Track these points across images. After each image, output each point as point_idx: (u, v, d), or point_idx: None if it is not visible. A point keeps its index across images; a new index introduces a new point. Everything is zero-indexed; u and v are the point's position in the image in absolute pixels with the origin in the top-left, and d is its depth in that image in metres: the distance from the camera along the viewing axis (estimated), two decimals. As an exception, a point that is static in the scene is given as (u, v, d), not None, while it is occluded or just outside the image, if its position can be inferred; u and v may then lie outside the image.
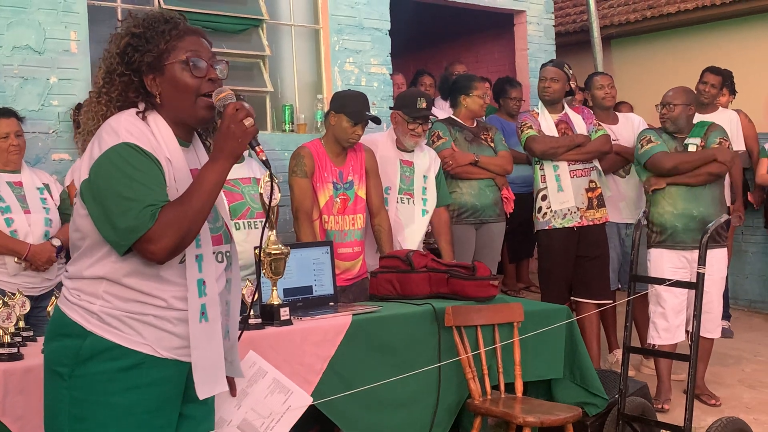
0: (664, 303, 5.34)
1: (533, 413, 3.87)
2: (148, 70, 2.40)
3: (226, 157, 2.35)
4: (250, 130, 2.36)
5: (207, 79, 2.43)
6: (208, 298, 2.39)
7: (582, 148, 5.73)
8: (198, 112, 2.44)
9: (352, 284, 4.80)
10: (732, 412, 5.20)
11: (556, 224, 5.70)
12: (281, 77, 6.85)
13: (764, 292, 8.19)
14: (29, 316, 3.43)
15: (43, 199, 4.77)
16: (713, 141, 5.44)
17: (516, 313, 4.22)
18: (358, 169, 4.89)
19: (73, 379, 2.33)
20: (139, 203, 2.23)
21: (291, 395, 3.38)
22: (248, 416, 3.26)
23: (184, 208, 2.28)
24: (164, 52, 2.40)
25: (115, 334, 2.33)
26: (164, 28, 2.42)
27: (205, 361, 2.40)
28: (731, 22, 10.03)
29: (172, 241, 2.25)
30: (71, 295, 2.39)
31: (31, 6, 5.36)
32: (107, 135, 2.32)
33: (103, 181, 2.27)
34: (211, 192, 2.32)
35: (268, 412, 3.30)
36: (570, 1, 11.91)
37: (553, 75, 5.81)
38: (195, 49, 2.43)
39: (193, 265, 2.37)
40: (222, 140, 2.35)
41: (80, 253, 2.40)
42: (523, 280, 8.35)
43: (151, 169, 2.30)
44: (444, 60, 9.41)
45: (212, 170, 2.34)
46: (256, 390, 3.32)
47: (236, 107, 2.36)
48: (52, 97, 5.40)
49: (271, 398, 3.34)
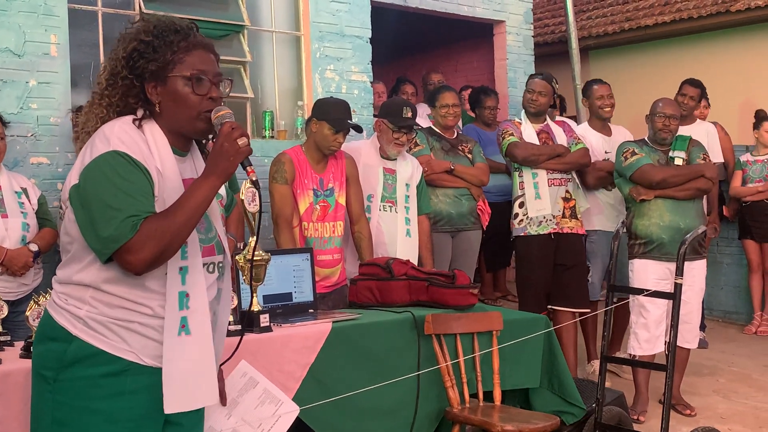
0: (647, 314, 5.35)
1: (511, 422, 3.88)
2: (150, 77, 2.40)
3: (218, 175, 2.35)
4: (243, 149, 2.37)
5: (208, 97, 2.43)
6: (191, 312, 2.38)
7: (562, 158, 5.78)
8: (196, 125, 2.44)
9: (332, 291, 4.79)
10: (707, 422, 5.24)
11: (531, 231, 5.74)
12: (262, 83, 6.84)
13: (739, 303, 8.26)
14: (6, 321, 3.40)
15: (21, 203, 4.73)
16: (697, 156, 5.48)
17: (495, 322, 4.24)
18: (339, 176, 4.89)
19: (58, 383, 2.32)
20: (122, 213, 2.23)
21: (281, 406, 3.37)
22: (238, 426, 3.25)
23: (168, 221, 2.27)
24: (170, 63, 2.39)
25: (100, 340, 2.32)
26: (174, 38, 2.41)
27: (180, 375, 2.37)
28: (707, 35, 10.16)
29: (151, 253, 2.25)
30: (59, 298, 2.38)
31: (11, 9, 5.32)
32: (99, 142, 2.31)
33: (91, 188, 2.27)
34: (197, 208, 2.32)
35: (258, 423, 3.29)
36: (549, 12, 12.01)
37: (542, 89, 5.85)
38: (201, 68, 2.42)
39: (175, 277, 2.36)
40: (215, 158, 2.36)
41: (69, 258, 2.39)
42: (500, 289, 8.38)
43: (139, 179, 2.30)
44: (423, 68, 9.45)
45: (202, 186, 2.34)
46: (246, 400, 3.31)
47: (232, 126, 2.37)
48: (31, 101, 5.36)
49: (262, 408, 3.33)
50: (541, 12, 11.91)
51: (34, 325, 3.11)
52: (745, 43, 9.91)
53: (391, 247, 5.09)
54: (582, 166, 5.91)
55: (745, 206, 7.68)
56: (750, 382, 6.23)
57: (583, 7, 11.69)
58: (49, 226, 4.80)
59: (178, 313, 2.36)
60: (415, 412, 3.99)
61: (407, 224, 5.21)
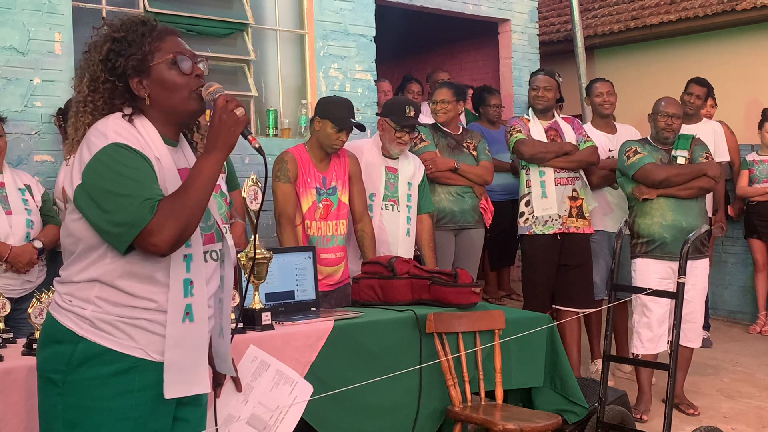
0: (649, 313, 5.33)
1: (513, 420, 3.88)
2: (133, 73, 2.40)
3: (220, 148, 2.36)
4: (242, 119, 2.38)
5: (194, 75, 2.44)
6: (195, 299, 2.39)
7: (569, 156, 5.73)
8: (189, 104, 2.44)
9: (334, 290, 4.80)
10: (710, 421, 5.23)
11: (537, 230, 5.71)
12: (266, 82, 6.85)
13: (743, 303, 8.25)
14: (9, 318, 3.41)
15: (25, 200, 4.74)
16: (699, 155, 5.47)
17: (497, 321, 4.23)
18: (342, 175, 4.89)
19: (66, 384, 2.32)
20: (136, 198, 2.23)
21: (296, 385, 3.39)
22: (256, 410, 3.25)
23: (183, 199, 2.28)
24: (148, 53, 2.41)
25: (107, 338, 2.32)
26: (143, 30, 2.43)
27: (182, 361, 2.38)
28: (713, 33, 10.14)
29: (174, 232, 2.25)
30: (63, 300, 2.38)
31: (16, 7, 5.34)
32: (96, 138, 2.31)
33: (97, 183, 2.27)
34: (207, 183, 2.32)
35: (276, 405, 3.29)
36: (554, 11, 11.99)
37: (546, 84, 5.83)
38: (178, 50, 2.44)
39: (180, 265, 2.36)
40: (215, 132, 2.36)
41: (73, 258, 2.39)
42: (505, 288, 8.36)
43: (143, 165, 2.30)
44: (428, 67, 9.44)
45: (207, 162, 2.34)
46: (261, 383, 3.31)
47: (226, 99, 2.38)
48: (36, 98, 5.38)
49: (277, 390, 3.33)
50: (547, 10, 11.89)
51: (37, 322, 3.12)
52: (752, 42, 9.89)
53: (393, 246, 5.09)
54: (590, 164, 5.86)
55: (751, 205, 7.66)
56: (754, 382, 6.21)
57: (589, 6, 11.67)
58: (53, 223, 4.81)
59: (183, 301, 2.36)
60: (417, 411, 3.99)
61: (408, 223, 5.21)
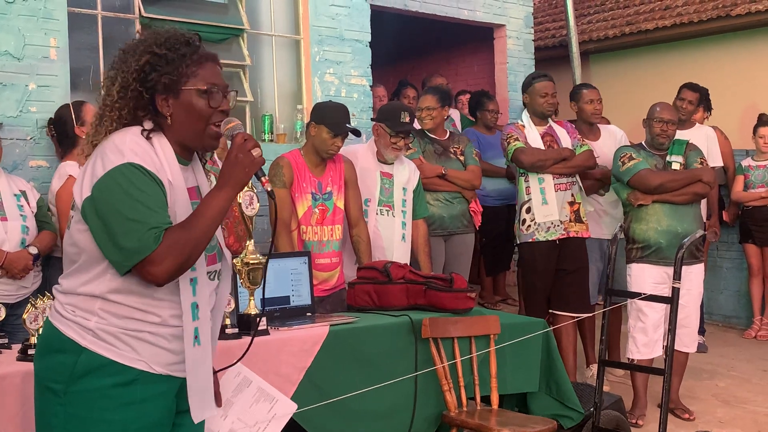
0: (645, 318, 5.33)
1: (509, 425, 3.89)
2: (163, 90, 2.39)
3: (233, 185, 2.36)
4: (257, 160, 2.38)
5: (219, 110, 2.44)
6: (200, 321, 2.41)
7: (567, 161, 5.70)
8: (205, 140, 2.45)
9: (330, 295, 4.79)
10: (705, 426, 5.24)
11: (540, 237, 5.66)
12: (261, 87, 6.85)
13: (738, 308, 8.26)
14: (4, 324, 3.41)
15: (20, 206, 4.73)
16: (694, 161, 5.48)
17: (492, 326, 4.24)
18: (337, 180, 4.90)
19: (68, 395, 2.32)
20: (143, 225, 2.23)
21: (276, 403, 3.39)
22: (235, 426, 3.27)
23: (188, 232, 2.28)
24: (183, 76, 2.39)
25: (110, 350, 2.32)
26: (185, 51, 2.41)
27: (199, 384, 2.42)
28: (708, 39, 10.16)
29: (174, 265, 2.26)
30: (65, 310, 2.37)
31: (11, 12, 5.33)
32: (111, 154, 2.30)
33: (107, 201, 2.26)
34: (215, 218, 2.33)
35: (254, 421, 3.30)
36: (549, 16, 12.03)
37: (553, 89, 5.79)
38: (213, 81, 2.43)
39: (187, 289, 2.38)
40: (229, 169, 2.36)
41: (76, 268, 2.38)
42: (500, 292, 8.37)
43: (155, 190, 2.30)
44: (424, 72, 9.47)
45: (218, 197, 2.35)
46: (241, 399, 3.32)
47: (245, 137, 2.38)
48: (31, 104, 5.36)
49: (257, 407, 3.34)
50: (542, 16, 11.93)
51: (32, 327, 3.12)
52: (746, 48, 9.92)
53: (388, 251, 5.09)
54: (587, 168, 5.85)
55: (746, 210, 7.68)
56: (749, 387, 6.22)
57: (584, 11, 11.71)
58: (49, 229, 4.80)
59: (192, 324, 2.39)
60: (412, 416, 4.00)
61: (403, 228, 5.20)
